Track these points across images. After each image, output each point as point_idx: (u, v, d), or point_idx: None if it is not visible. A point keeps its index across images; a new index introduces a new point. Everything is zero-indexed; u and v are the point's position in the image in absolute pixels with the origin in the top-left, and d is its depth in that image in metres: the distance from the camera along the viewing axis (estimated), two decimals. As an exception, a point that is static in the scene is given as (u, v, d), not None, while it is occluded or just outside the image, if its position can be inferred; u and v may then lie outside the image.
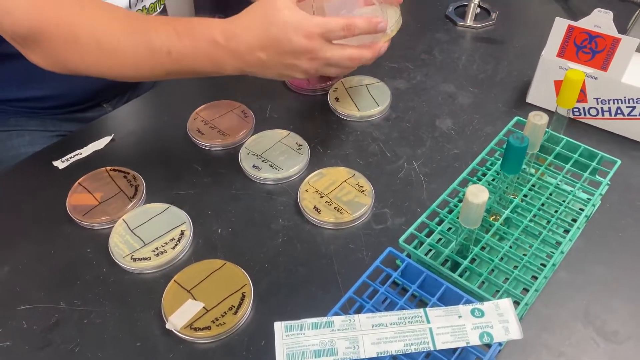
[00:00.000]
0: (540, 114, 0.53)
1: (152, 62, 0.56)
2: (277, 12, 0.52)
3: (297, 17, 0.52)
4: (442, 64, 0.84)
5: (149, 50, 0.55)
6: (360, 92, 0.78)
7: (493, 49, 0.86)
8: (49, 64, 0.60)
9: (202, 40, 0.54)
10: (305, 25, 0.52)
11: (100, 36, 0.56)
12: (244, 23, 0.54)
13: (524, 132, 0.54)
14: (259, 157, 0.68)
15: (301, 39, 0.52)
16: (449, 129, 0.73)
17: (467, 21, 0.91)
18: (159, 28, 0.55)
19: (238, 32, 0.54)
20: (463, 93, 0.78)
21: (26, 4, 0.57)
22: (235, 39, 0.54)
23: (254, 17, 0.54)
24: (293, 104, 0.78)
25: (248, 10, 0.55)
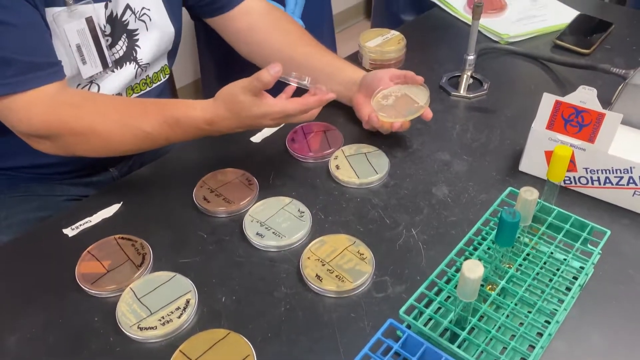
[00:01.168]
0: (530, 189, 0.56)
1: (152, 145, 0.71)
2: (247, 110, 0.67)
3: (262, 109, 0.66)
4: (437, 133, 0.87)
5: (149, 140, 0.70)
6: (359, 160, 0.81)
7: (486, 118, 0.90)
8: (56, 152, 0.70)
9: (191, 128, 0.70)
10: (270, 114, 0.67)
11: (109, 133, 0.68)
12: (219, 113, 0.68)
13: (515, 206, 0.57)
14: (262, 225, 0.70)
15: (269, 122, 0.68)
16: (445, 197, 0.75)
17: (461, 91, 0.95)
18: (154, 123, 0.69)
19: (217, 121, 0.69)
20: (458, 161, 0.81)
21: (44, 110, 0.66)
22: (217, 125, 0.69)
23: (228, 110, 0.68)
24: (296, 171, 0.81)
25: (222, 101, 0.68)
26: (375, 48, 1.00)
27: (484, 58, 1.04)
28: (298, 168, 0.81)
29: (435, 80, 0.99)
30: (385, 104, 0.81)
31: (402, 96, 0.81)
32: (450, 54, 1.05)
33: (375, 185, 0.78)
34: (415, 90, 0.81)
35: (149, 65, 0.84)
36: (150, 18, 0.81)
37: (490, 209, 0.65)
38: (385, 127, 0.81)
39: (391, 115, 0.79)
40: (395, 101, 0.81)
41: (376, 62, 1.01)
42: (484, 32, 1.11)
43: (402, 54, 1.03)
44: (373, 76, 0.84)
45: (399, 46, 1.01)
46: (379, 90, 0.82)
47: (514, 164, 0.80)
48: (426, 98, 0.80)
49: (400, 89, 0.82)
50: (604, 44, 1.07)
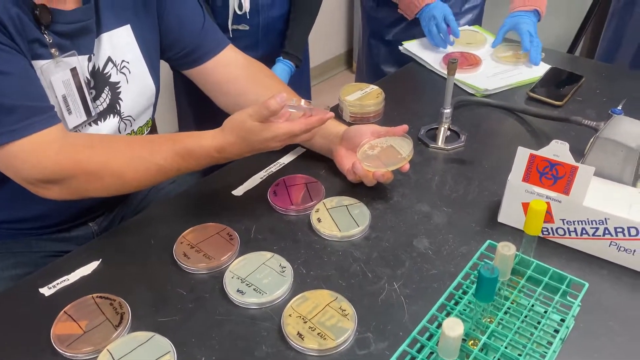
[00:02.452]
0: (508, 245, 0.57)
1: (164, 177, 0.73)
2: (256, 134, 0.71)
3: (271, 132, 0.71)
4: (417, 184, 0.88)
5: (161, 173, 0.72)
6: (341, 212, 0.81)
7: (464, 169, 0.92)
8: (64, 196, 0.70)
9: (202, 158, 0.73)
10: (277, 136, 0.71)
11: (122, 169, 0.70)
12: (229, 140, 0.72)
13: (494, 262, 0.58)
14: (243, 281, 0.69)
15: (276, 143, 0.73)
16: (426, 249, 0.76)
17: (438, 143, 0.97)
18: (166, 156, 0.72)
19: (227, 147, 0.72)
20: (438, 212, 0.82)
21: (57, 152, 0.67)
22: (226, 151, 0.73)
23: (237, 137, 0.72)
24: (277, 224, 0.81)
25: (230, 129, 0.72)
26: (355, 102, 1.03)
27: (461, 110, 1.07)
28: (280, 221, 0.81)
29: (413, 132, 1.01)
30: (371, 154, 0.83)
31: (387, 147, 0.84)
32: (428, 106, 1.08)
33: (357, 238, 0.78)
34: (400, 142, 0.84)
35: (134, 120, 0.85)
36: (130, 71, 0.82)
37: (470, 262, 0.65)
38: (369, 177, 0.82)
39: (375, 165, 0.81)
40: (380, 152, 0.83)
41: (356, 115, 1.03)
42: (461, 86, 1.14)
43: (381, 107, 1.05)
44: (355, 130, 0.85)
45: (378, 100, 1.04)
46: (366, 141, 0.84)
47: (492, 215, 0.81)
48: (409, 149, 0.82)
49: (386, 140, 0.85)
50: (576, 96, 1.10)
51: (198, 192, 0.88)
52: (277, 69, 1.32)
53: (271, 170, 0.92)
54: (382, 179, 0.81)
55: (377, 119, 1.05)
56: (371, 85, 1.09)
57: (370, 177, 0.82)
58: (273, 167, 0.92)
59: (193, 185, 0.89)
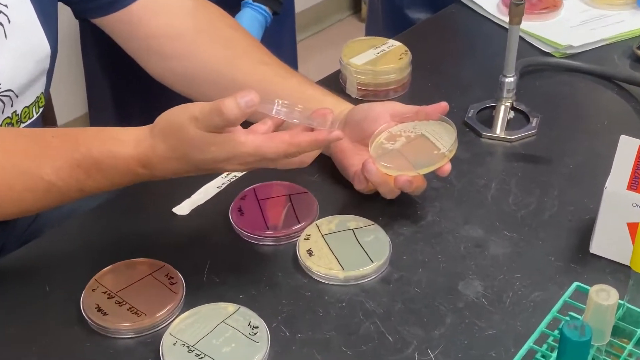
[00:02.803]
0: (606, 289, 0.56)
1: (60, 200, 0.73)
2: (200, 151, 0.68)
3: (226, 149, 0.68)
4: (463, 196, 0.87)
5: (53, 194, 0.72)
6: (344, 240, 0.80)
7: (536, 171, 0.91)
8: None
9: (117, 173, 0.71)
10: (237, 156, 0.68)
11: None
12: (159, 151, 0.70)
13: (584, 316, 0.57)
14: (191, 350, 0.69)
15: (235, 167, 0.70)
16: (478, 297, 0.76)
17: (497, 131, 0.96)
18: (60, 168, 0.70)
19: (157, 162, 0.70)
20: (496, 240, 0.82)
21: None
22: (156, 168, 0.71)
23: (171, 149, 0.69)
24: (244, 260, 0.80)
25: (162, 134, 0.70)
26: (366, 67, 1.02)
27: (531, 79, 1.06)
28: (248, 255, 0.80)
29: (457, 114, 1.00)
30: (391, 149, 0.83)
31: (416, 138, 0.83)
32: (479, 74, 1.07)
33: (371, 280, 0.78)
34: (436, 130, 0.83)
35: (16, 97, 0.84)
36: (10, 19, 0.81)
37: (548, 317, 0.65)
38: (388, 185, 0.81)
39: (398, 166, 0.80)
40: (406, 145, 0.83)
41: (367, 88, 1.03)
42: (531, 41, 1.14)
43: (407, 75, 1.05)
44: (366, 112, 0.85)
45: (402, 63, 1.03)
46: (384, 128, 0.84)
47: (581, 243, 0.81)
48: (451, 141, 0.81)
49: (415, 127, 0.84)
50: None
51: (119, 210, 0.87)
52: (244, 17, 1.32)
53: (235, 175, 0.91)
54: (409, 187, 0.80)
55: (399, 94, 1.05)
56: (390, 40, 1.08)
57: (390, 184, 0.81)
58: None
59: (110, 200, 0.88)
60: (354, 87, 1.04)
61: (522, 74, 1.04)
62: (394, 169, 0.80)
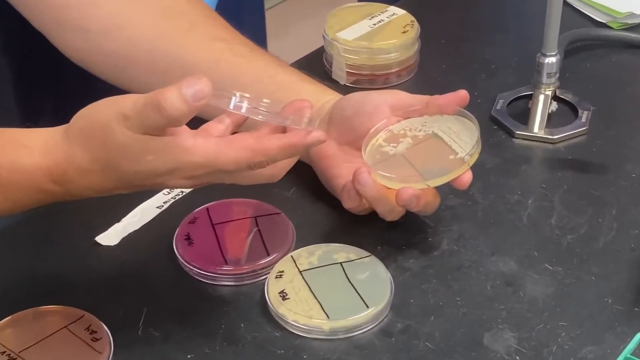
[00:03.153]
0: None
1: None
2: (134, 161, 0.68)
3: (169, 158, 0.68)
4: (490, 217, 0.88)
5: None
6: (330, 278, 0.81)
7: (588, 183, 0.92)
8: None
9: (19, 193, 0.72)
10: (183, 168, 0.68)
11: None
12: (77, 160, 0.70)
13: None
14: None
15: (180, 182, 0.70)
16: (510, 353, 0.76)
17: (535, 128, 0.98)
18: None
19: (73, 176, 0.71)
20: (534, 275, 0.82)
21: None
22: (73, 183, 0.71)
23: (93, 159, 0.70)
24: (195, 305, 0.80)
25: (79, 138, 0.70)
26: (359, 44, 1.03)
27: (580, 59, 1.08)
28: (199, 299, 0.81)
29: (482, 106, 1.02)
30: (392, 153, 0.83)
31: (426, 138, 0.84)
32: (511, 52, 1.09)
33: (366, 332, 0.78)
34: (454, 127, 0.84)
35: None
36: None
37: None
38: (388, 201, 0.82)
39: (401, 175, 0.81)
40: (411, 148, 0.83)
41: (361, 72, 1.04)
42: (578, 7, 1.15)
43: (414, 54, 1.06)
44: (358, 104, 0.86)
45: (407, 39, 1.04)
46: (381, 126, 0.84)
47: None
48: (473, 142, 0.81)
49: (425, 124, 0.85)
50: None
51: (22, 241, 0.88)
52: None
53: (181, 191, 0.92)
54: (417, 205, 0.80)
55: (404, 80, 1.06)
56: (391, 7, 1.09)
57: (390, 201, 0.82)
58: (185, 184, 0.93)
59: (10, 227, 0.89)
60: (343, 71, 1.04)
61: (567, 52, 1.05)
62: (396, 179, 0.80)
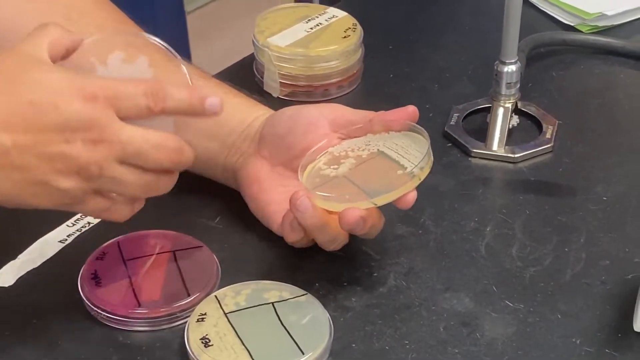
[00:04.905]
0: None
1: None
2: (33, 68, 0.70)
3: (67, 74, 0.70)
4: (443, 247, 0.89)
5: None
6: (260, 321, 0.80)
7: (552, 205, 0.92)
8: None
9: None
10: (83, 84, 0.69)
11: None
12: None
13: None
14: None
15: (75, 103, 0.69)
16: (468, 407, 0.76)
17: (493, 146, 0.98)
18: None
19: None
20: (492, 314, 0.82)
21: None
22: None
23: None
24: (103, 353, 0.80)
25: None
26: (294, 50, 1.04)
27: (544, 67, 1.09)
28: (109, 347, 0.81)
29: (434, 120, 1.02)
30: (334, 175, 0.84)
31: (371, 157, 0.84)
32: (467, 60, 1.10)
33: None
34: (401, 142, 0.84)
35: None
36: None
37: None
38: (330, 225, 0.81)
39: (343, 194, 0.80)
40: (355, 168, 0.84)
41: (297, 83, 1.04)
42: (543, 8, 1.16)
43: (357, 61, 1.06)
44: (293, 120, 0.87)
45: (349, 44, 1.05)
46: (320, 148, 0.85)
47: (620, 317, 0.82)
48: (420, 156, 0.81)
49: (369, 143, 0.85)
50: None
51: None
52: None
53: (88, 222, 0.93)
54: (363, 228, 0.80)
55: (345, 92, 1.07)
56: (330, 8, 1.10)
57: (333, 228, 0.81)
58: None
59: None
60: (276, 82, 1.05)
61: (530, 59, 1.06)
62: (338, 200, 0.80)
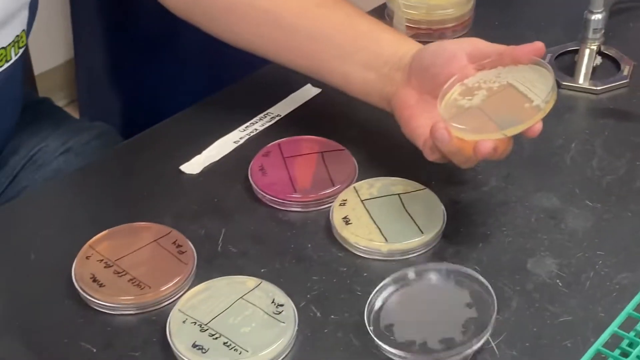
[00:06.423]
0: None
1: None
2: None
3: None
4: (536, 158, 0.90)
5: None
6: (388, 207, 0.83)
7: (627, 130, 0.93)
8: None
9: None
10: None
11: None
12: None
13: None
14: (204, 329, 0.72)
15: None
16: (551, 277, 0.78)
17: (580, 80, 0.99)
18: None
19: None
20: (575, 210, 0.84)
21: None
22: None
23: None
24: (267, 227, 0.83)
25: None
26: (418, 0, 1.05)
27: (624, 18, 1.09)
28: (272, 222, 0.83)
29: (531, 59, 1.03)
30: (468, 106, 0.79)
31: (501, 89, 0.80)
32: (560, 10, 1.10)
33: (419, 255, 0.80)
34: (528, 76, 0.79)
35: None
36: None
37: (637, 296, 0.68)
38: (466, 152, 0.77)
39: (476, 127, 0.77)
40: (487, 99, 0.79)
41: (419, 27, 1.06)
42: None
43: (468, 11, 1.07)
44: (436, 53, 0.83)
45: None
46: (455, 81, 0.80)
47: None
48: (547, 90, 0.76)
49: (499, 75, 0.80)
50: None
51: (116, 168, 0.91)
52: None
53: (255, 128, 0.94)
54: (495, 154, 0.75)
55: (458, 34, 1.08)
56: None
57: (467, 152, 0.77)
58: (259, 122, 0.95)
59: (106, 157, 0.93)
60: (403, 25, 1.06)
61: (613, 11, 1.05)
62: (470, 131, 0.76)
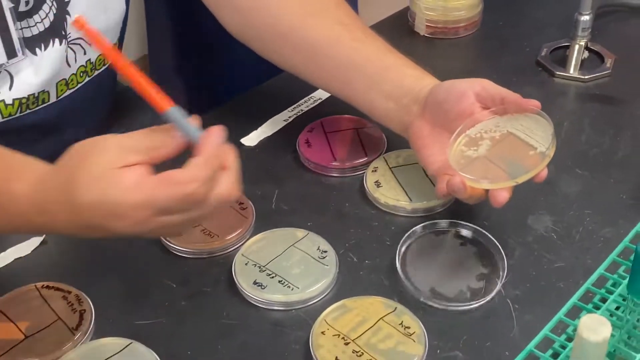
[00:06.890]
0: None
1: None
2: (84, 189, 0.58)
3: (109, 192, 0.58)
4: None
5: None
6: (412, 173, 0.85)
7: (610, 111, 0.95)
8: None
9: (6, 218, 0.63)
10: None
11: None
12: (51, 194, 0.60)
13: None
14: (262, 270, 0.75)
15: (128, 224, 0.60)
16: (548, 231, 0.80)
17: (570, 70, 1.01)
18: None
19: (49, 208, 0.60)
20: (567, 177, 0.86)
21: None
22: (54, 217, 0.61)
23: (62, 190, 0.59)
24: (312, 189, 0.85)
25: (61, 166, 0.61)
26: (437, 3, 1.07)
27: (608, 20, 1.10)
28: (316, 185, 0.86)
29: (530, 53, 1.04)
30: (475, 156, 0.75)
31: (503, 138, 0.76)
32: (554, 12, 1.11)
33: (438, 212, 0.82)
34: (525, 123, 0.75)
35: (89, 45, 0.86)
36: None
37: (620, 245, 0.70)
38: (477, 195, 0.74)
39: (489, 177, 0.73)
40: (491, 149, 0.75)
41: (437, 26, 1.08)
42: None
43: (478, 13, 1.09)
44: (448, 90, 0.78)
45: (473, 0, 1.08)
46: (460, 131, 0.76)
47: None
48: (549, 136, 0.72)
49: (499, 124, 0.76)
50: None
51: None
52: None
53: (301, 109, 0.97)
54: (502, 199, 0.73)
55: (470, 32, 1.09)
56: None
57: (478, 195, 0.74)
58: (304, 104, 0.98)
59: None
60: (423, 24, 1.08)
61: (598, 13, 1.06)
62: (486, 182, 0.73)
